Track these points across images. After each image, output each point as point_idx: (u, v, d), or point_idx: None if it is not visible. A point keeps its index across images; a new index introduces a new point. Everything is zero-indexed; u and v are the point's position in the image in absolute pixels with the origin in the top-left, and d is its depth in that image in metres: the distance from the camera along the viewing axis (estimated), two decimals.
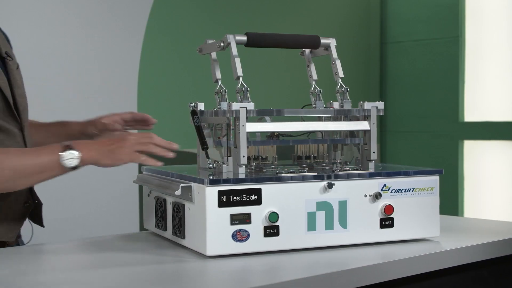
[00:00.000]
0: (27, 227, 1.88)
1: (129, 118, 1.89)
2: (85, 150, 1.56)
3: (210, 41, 1.75)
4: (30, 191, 1.79)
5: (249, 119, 1.60)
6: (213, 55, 1.77)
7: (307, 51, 1.87)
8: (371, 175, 1.64)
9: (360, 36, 4.59)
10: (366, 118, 1.72)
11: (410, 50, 4.53)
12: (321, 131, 1.79)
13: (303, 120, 1.74)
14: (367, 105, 1.71)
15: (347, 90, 1.77)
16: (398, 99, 4.58)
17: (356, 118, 1.73)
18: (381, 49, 4.64)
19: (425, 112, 4.47)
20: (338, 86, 1.77)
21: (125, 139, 1.60)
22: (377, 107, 1.72)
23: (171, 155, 1.61)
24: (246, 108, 1.59)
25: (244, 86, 1.65)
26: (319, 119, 1.79)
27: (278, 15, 4.13)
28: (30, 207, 1.77)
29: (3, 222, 1.70)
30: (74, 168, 1.56)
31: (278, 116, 1.67)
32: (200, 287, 1.33)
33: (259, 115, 1.65)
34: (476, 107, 4.32)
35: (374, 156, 1.71)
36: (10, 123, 1.69)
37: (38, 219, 1.85)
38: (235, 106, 1.58)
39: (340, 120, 1.75)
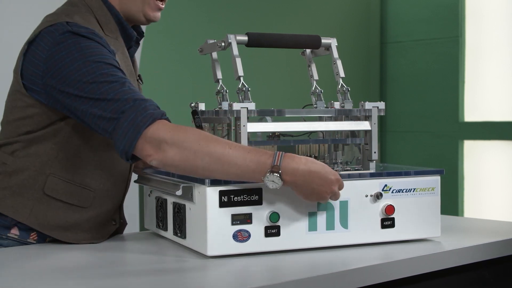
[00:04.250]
0: None
1: None
2: (289, 175, 1.46)
3: (211, 41, 1.75)
4: (120, 210, 1.78)
5: (250, 119, 1.59)
6: (214, 55, 1.77)
7: (308, 51, 1.87)
8: (372, 175, 1.64)
9: (360, 36, 4.59)
10: (367, 118, 1.72)
11: (410, 50, 4.53)
12: (322, 131, 1.79)
13: (304, 120, 1.74)
14: (368, 105, 1.71)
15: (348, 90, 1.76)
16: (398, 99, 4.58)
17: (357, 118, 1.73)
18: (381, 49, 4.64)
19: (425, 112, 4.47)
20: (339, 86, 1.77)
21: (329, 181, 1.51)
22: (378, 107, 1.72)
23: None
24: (247, 108, 1.59)
25: (245, 86, 1.65)
26: (320, 119, 1.79)
27: (278, 15, 4.13)
28: (115, 227, 1.76)
29: (85, 237, 1.69)
30: None
31: (279, 116, 1.66)
32: (201, 287, 1.33)
33: (260, 115, 1.65)
34: (476, 107, 4.31)
35: (375, 156, 1.71)
36: None
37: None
38: (236, 106, 1.58)
39: (341, 120, 1.74)
